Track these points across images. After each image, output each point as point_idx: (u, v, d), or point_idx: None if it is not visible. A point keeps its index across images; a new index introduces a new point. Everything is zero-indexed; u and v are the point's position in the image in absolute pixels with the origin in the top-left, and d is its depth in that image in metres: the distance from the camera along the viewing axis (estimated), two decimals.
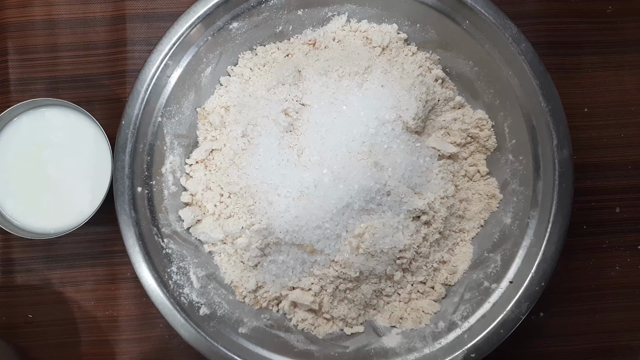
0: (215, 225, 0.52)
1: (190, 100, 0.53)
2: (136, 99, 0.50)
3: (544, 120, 0.49)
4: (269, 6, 0.52)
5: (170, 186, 0.52)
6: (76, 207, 0.52)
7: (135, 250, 0.48)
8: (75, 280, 0.56)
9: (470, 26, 0.51)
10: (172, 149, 0.52)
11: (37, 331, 0.56)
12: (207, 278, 0.51)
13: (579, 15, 0.59)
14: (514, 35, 0.49)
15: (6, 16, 0.58)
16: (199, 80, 0.53)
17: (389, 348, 0.50)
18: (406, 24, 0.54)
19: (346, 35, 0.54)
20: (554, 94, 0.48)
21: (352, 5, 0.54)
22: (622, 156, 0.58)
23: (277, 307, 0.53)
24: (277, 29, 0.54)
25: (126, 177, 0.49)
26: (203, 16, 0.50)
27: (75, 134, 0.53)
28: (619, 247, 0.58)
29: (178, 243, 0.51)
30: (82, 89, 0.58)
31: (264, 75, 0.54)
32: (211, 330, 0.49)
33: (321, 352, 0.50)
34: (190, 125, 0.54)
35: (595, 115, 0.58)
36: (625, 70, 0.59)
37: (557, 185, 0.48)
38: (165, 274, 0.49)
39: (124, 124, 0.49)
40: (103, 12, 0.58)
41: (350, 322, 0.52)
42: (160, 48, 0.50)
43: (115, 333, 0.56)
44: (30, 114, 0.53)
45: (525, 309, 0.47)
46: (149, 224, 0.50)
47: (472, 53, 0.52)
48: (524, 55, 0.49)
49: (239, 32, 0.53)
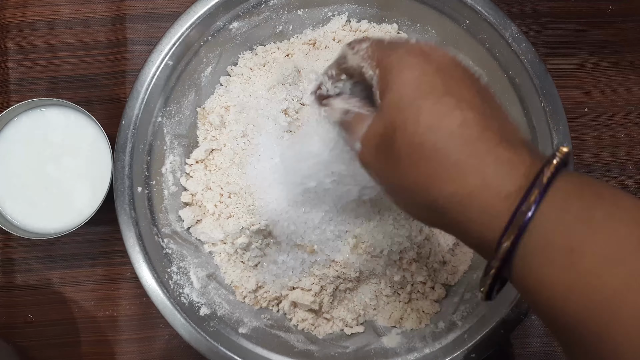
0: (215, 225, 0.51)
1: (191, 100, 0.53)
2: (136, 98, 0.50)
3: (544, 120, 0.49)
4: (269, 6, 0.52)
5: (170, 186, 0.52)
6: (76, 207, 0.52)
7: (135, 250, 0.48)
8: (76, 280, 0.56)
9: (470, 26, 0.51)
10: (172, 149, 0.52)
11: (37, 331, 0.55)
12: (208, 278, 0.51)
13: (579, 15, 0.59)
14: (514, 35, 0.49)
15: (6, 16, 0.58)
16: (199, 80, 0.53)
17: (389, 348, 0.50)
18: (406, 23, 0.54)
19: (346, 35, 0.54)
20: (554, 94, 0.48)
21: (352, 5, 0.54)
22: (622, 156, 0.58)
23: (277, 307, 0.53)
24: (277, 29, 0.54)
25: (126, 176, 0.49)
26: (203, 16, 0.50)
27: (76, 134, 0.53)
28: None
29: (178, 243, 0.51)
30: (82, 89, 0.58)
31: (264, 75, 0.54)
32: (211, 330, 0.49)
33: (321, 352, 0.50)
34: (190, 125, 0.54)
35: (596, 115, 0.58)
36: (625, 70, 0.58)
37: None
38: (166, 274, 0.49)
39: (124, 123, 0.49)
40: (103, 12, 0.58)
41: (350, 323, 0.52)
42: (160, 48, 0.50)
43: (115, 333, 0.56)
44: (30, 114, 0.53)
45: (526, 309, 0.47)
46: (149, 224, 0.50)
47: (472, 53, 0.52)
48: (524, 56, 0.49)
49: (239, 32, 0.53)
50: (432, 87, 0.30)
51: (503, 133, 0.29)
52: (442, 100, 0.30)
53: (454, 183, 0.28)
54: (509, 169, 0.27)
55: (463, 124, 0.29)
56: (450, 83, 0.30)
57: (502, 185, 0.27)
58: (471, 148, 0.28)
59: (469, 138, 0.28)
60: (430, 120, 0.29)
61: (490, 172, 0.28)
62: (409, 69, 0.31)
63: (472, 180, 0.28)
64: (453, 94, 0.30)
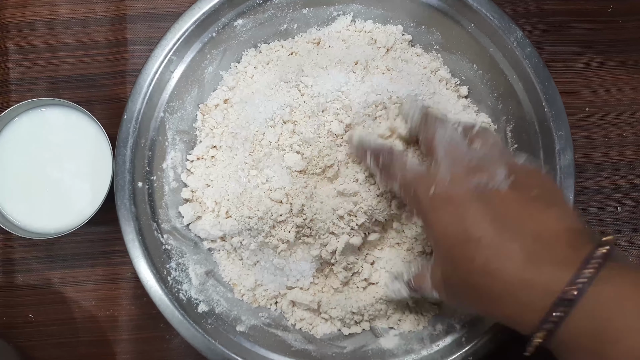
0: (214, 222, 0.51)
1: (193, 97, 0.53)
2: (139, 93, 0.50)
3: (546, 125, 0.49)
4: (274, 4, 0.52)
5: (171, 182, 0.52)
6: (76, 207, 0.52)
7: (134, 245, 0.48)
8: (76, 280, 0.56)
9: (475, 29, 0.51)
10: (173, 145, 0.52)
11: (38, 331, 0.55)
12: (206, 275, 0.51)
13: (580, 15, 0.59)
14: (519, 39, 0.49)
15: (6, 16, 0.58)
16: (202, 76, 0.53)
17: (387, 349, 0.50)
18: (411, 25, 0.54)
19: (351, 35, 0.54)
20: (557, 99, 0.49)
21: (358, 6, 0.54)
22: (623, 155, 0.58)
23: (275, 306, 0.53)
24: (281, 27, 0.54)
25: (127, 171, 0.49)
26: (208, 12, 0.50)
27: (76, 133, 0.53)
28: (621, 247, 0.57)
29: (177, 239, 0.51)
30: (83, 89, 0.57)
31: (267, 73, 0.54)
32: (209, 327, 0.48)
33: (318, 351, 0.50)
34: (192, 121, 0.54)
35: (597, 114, 0.58)
36: (626, 69, 0.59)
37: (559, 188, 0.48)
38: (164, 269, 0.49)
39: (126, 118, 0.49)
40: (103, 11, 0.58)
41: (348, 323, 0.52)
42: (164, 43, 0.50)
43: (115, 333, 0.55)
44: (30, 114, 0.53)
45: None
46: (149, 220, 0.50)
47: (477, 56, 0.52)
48: (528, 60, 0.49)
49: (243, 30, 0.53)
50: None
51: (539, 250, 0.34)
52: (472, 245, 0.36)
53: (508, 308, 0.34)
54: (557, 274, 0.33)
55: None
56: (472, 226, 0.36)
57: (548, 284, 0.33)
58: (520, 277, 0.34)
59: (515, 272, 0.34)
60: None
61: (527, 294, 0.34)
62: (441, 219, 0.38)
63: (523, 299, 0.34)
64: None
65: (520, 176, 0.37)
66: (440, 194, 0.37)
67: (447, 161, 0.38)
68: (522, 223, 0.34)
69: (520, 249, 0.33)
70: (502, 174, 0.36)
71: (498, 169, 0.37)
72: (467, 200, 0.36)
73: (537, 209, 0.35)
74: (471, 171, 0.37)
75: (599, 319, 0.30)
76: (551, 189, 0.38)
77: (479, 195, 0.36)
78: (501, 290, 0.34)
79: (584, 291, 0.30)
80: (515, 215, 0.35)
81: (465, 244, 0.35)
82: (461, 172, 0.37)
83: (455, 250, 0.36)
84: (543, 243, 0.34)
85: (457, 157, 0.38)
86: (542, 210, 0.35)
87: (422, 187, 0.38)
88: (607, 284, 0.31)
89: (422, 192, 0.38)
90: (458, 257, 0.36)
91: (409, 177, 0.40)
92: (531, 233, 0.34)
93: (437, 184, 0.37)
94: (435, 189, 0.37)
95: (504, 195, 0.36)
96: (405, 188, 0.40)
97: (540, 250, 0.33)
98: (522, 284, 0.33)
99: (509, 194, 0.36)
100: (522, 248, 0.33)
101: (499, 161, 0.38)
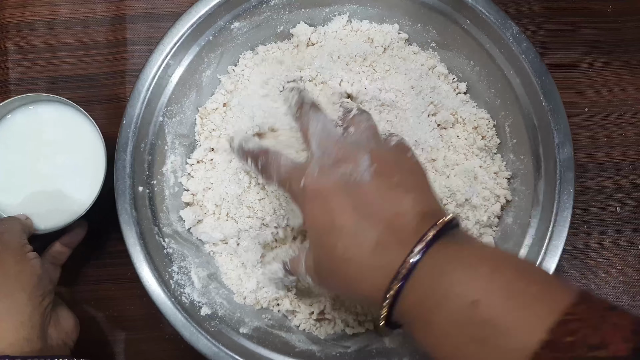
0: (216, 225, 0.51)
1: (192, 100, 0.53)
2: (137, 98, 0.50)
3: (545, 120, 0.49)
4: (270, 6, 0.53)
5: (172, 186, 0.52)
6: (70, 204, 0.51)
7: (136, 249, 0.48)
8: (76, 280, 0.56)
9: (471, 26, 0.51)
10: (173, 149, 0.52)
11: None
12: (208, 278, 0.51)
13: (579, 15, 0.59)
14: (515, 35, 0.49)
15: (6, 16, 0.58)
16: (200, 80, 0.53)
17: (391, 348, 0.50)
18: (407, 24, 0.54)
19: (347, 35, 0.54)
20: (555, 93, 0.49)
21: (353, 6, 0.54)
22: (623, 155, 0.58)
23: (277, 308, 0.53)
24: (278, 28, 0.54)
25: (127, 176, 0.49)
26: (204, 16, 0.50)
27: (70, 130, 0.52)
28: (620, 247, 0.57)
29: (179, 243, 0.51)
30: (82, 89, 0.57)
31: (261, 72, 0.54)
32: (212, 330, 0.48)
33: (322, 351, 0.50)
34: (191, 125, 0.54)
35: (596, 114, 0.58)
36: (625, 70, 0.59)
37: (558, 184, 0.48)
38: (167, 273, 0.49)
39: (125, 123, 0.49)
40: (103, 12, 0.58)
41: (351, 323, 0.52)
42: (161, 47, 0.50)
43: (115, 333, 0.55)
44: (24, 111, 0.52)
45: None
46: (150, 224, 0.50)
47: (473, 53, 0.52)
48: (525, 55, 0.49)
49: (240, 32, 0.53)
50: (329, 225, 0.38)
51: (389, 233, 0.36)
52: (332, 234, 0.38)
53: (364, 290, 0.37)
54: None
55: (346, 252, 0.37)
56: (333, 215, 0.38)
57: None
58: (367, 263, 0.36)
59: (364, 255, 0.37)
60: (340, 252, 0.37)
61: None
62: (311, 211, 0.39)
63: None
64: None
65: (381, 164, 0.38)
66: (309, 186, 0.39)
67: (319, 152, 0.40)
68: (379, 211, 0.37)
69: (373, 236, 0.36)
70: (365, 162, 0.38)
71: (362, 157, 0.39)
72: (333, 192, 0.38)
73: (396, 195, 0.37)
74: (338, 162, 0.39)
75: (425, 289, 0.33)
76: (413, 173, 0.40)
77: (344, 185, 0.38)
78: (356, 274, 0.36)
79: (415, 267, 0.33)
80: (374, 203, 0.37)
81: (330, 233, 0.37)
82: (329, 163, 0.39)
83: (322, 239, 0.38)
84: (394, 229, 0.36)
85: (327, 148, 0.40)
86: (401, 197, 0.37)
87: (294, 181, 0.40)
88: (432, 259, 0.34)
89: (295, 186, 0.40)
90: (324, 245, 0.38)
91: (283, 174, 0.42)
92: (385, 220, 0.36)
93: (307, 176, 0.39)
94: (304, 181, 0.39)
95: (366, 184, 0.38)
96: (282, 184, 0.42)
97: (389, 235, 0.36)
98: (370, 268, 0.36)
99: (371, 183, 0.38)
100: (375, 235, 0.36)
101: (365, 149, 0.39)
